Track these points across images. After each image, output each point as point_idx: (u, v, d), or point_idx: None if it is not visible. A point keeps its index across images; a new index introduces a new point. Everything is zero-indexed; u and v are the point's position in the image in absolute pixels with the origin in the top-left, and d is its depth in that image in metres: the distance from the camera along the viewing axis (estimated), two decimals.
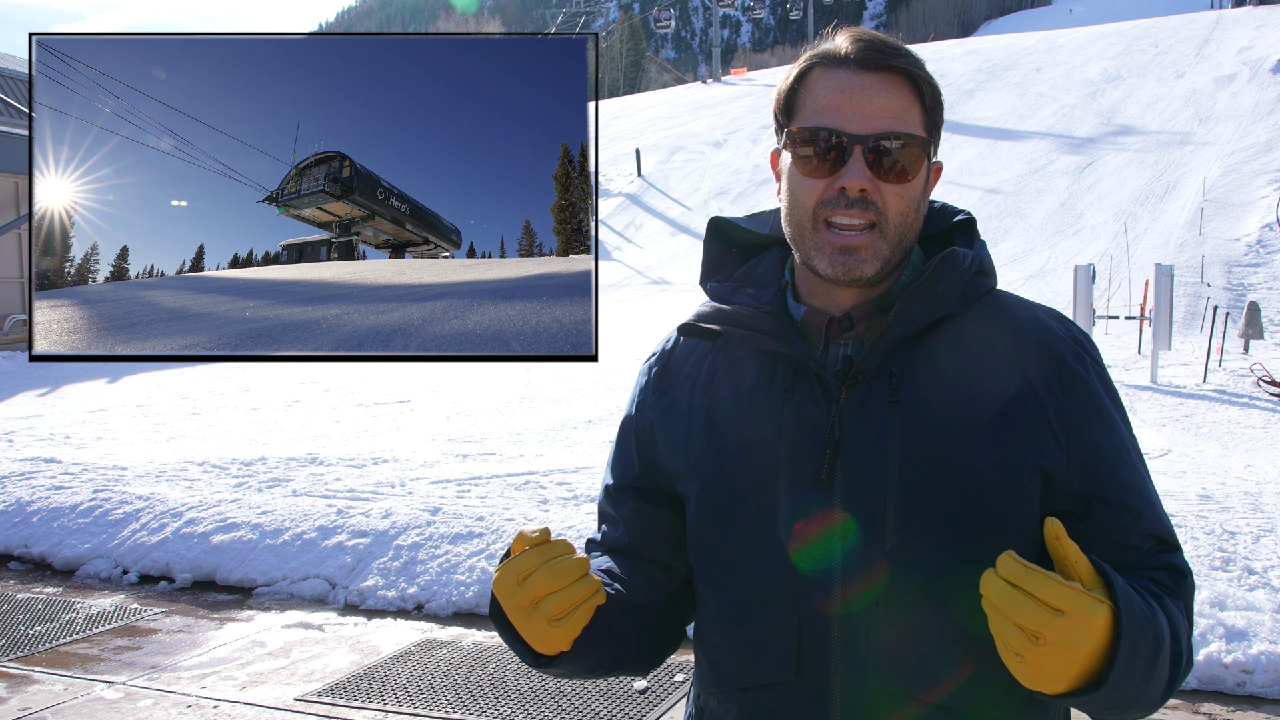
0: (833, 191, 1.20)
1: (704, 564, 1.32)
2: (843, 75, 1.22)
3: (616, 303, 21.55)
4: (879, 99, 1.20)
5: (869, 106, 1.20)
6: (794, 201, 1.24)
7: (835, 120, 1.20)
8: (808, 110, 1.23)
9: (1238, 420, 9.62)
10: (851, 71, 1.21)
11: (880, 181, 1.20)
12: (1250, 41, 37.42)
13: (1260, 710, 4.01)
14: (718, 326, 1.30)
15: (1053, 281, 19.79)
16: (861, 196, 1.19)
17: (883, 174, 1.20)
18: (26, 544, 6.55)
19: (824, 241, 1.22)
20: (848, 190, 1.19)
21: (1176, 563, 1.22)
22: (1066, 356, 1.25)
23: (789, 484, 1.22)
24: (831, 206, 1.21)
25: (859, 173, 1.19)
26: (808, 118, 1.23)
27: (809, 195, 1.22)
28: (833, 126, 1.20)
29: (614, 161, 36.25)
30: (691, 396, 1.33)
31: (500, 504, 6.66)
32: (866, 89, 1.20)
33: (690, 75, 78.44)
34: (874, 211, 1.20)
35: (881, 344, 1.22)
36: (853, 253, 1.20)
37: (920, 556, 1.17)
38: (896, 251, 1.23)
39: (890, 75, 1.21)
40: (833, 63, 1.23)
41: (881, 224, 1.21)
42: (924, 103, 1.24)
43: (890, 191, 1.20)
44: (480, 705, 4.22)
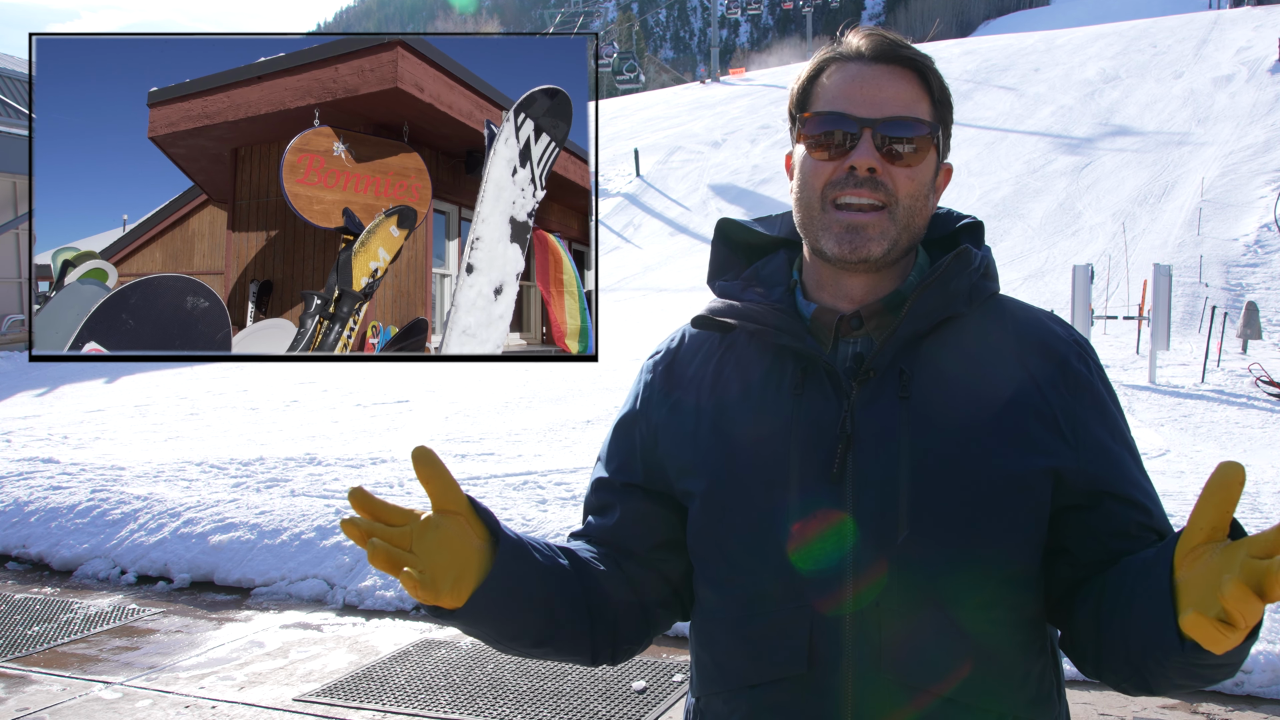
0: (842, 172, 1.23)
1: (708, 561, 1.31)
2: (854, 67, 1.26)
3: (615, 303, 21.55)
4: (889, 87, 1.24)
5: (879, 94, 1.24)
6: (804, 184, 1.27)
7: (845, 106, 1.24)
8: (820, 101, 1.27)
9: (1236, 420, 9.63)
10: (863, 63, 1.26)
11: (889, 164, 1.23)
12: (1248, 42, 37.48)
13: (1258, 710, 4.02)
14: (730, 319, 1.32)
15: (1051, 281, 19.81)
16: (870, 176, 1.22)
17: (892, 157, 1.23)
18: (24, 544, 6.54)
19: (832, 221, 1.24)
20: (857, 169, 1.22)
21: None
22: (1069, 357, 1.27)
23: (800, 480, 1.22)
24: (840, 186, 1.23)
25: (868, 152, 1.22)
26: (820, 107, 1.26)
27: (818, 176, 1.25)
28: (843, 111, 1.24)
29: (612, 161, 36.26)
30: (699, 393, 1.33)
31: (499, 504, 6.65)
32: (877, 78, 1.25)
33: (689, 75, 78.41)
34: (883, 192, 1.23)
35: (893, 340, 1.23)
36: (860, 230, 1.22)
37: (931, 552, 1.18)
38: (904, 235, 1.25)
39: (900, 68, 1.26)
40: (845, 58, 1.27)
41: (891, 205, 1.23)
42: (933, 96, 1.27)
43: (900, 174, 1.23)
44: (478, 705, 4.22)
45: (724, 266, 1.41)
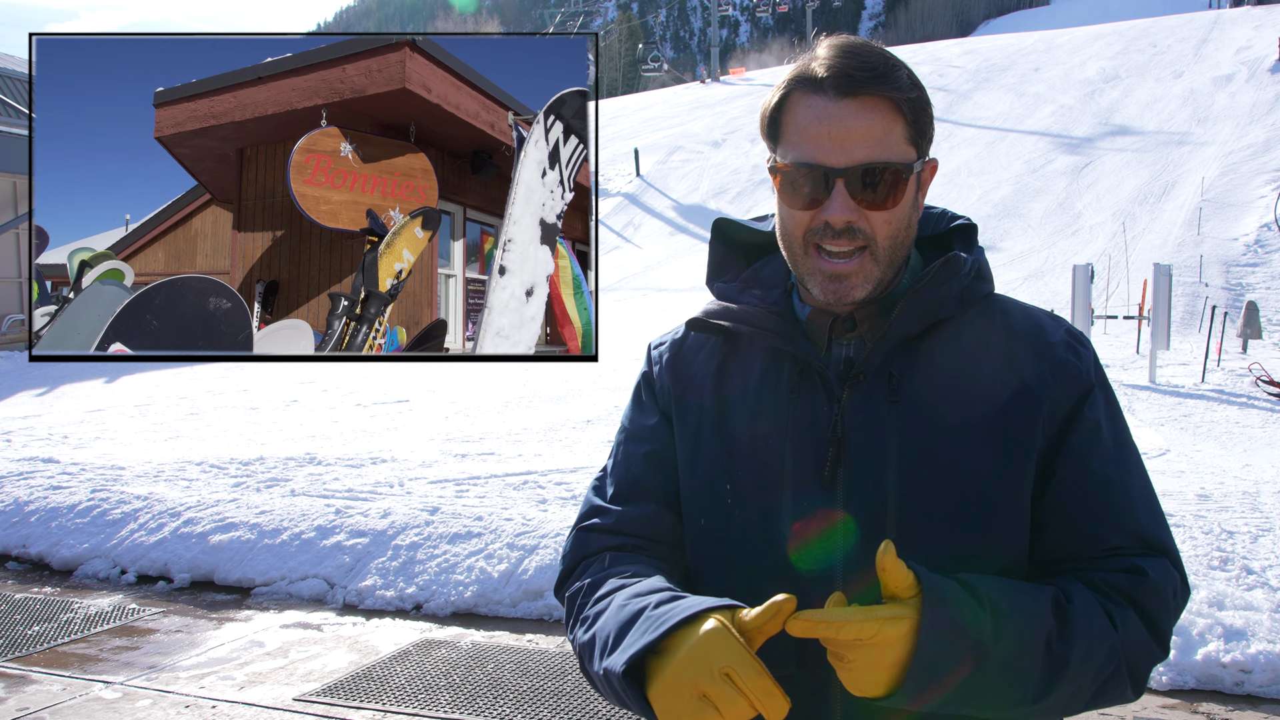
0: (819, 223, 1.21)
1: (704, 560, 1.33)
2: (820, 104, 1.20)
3: (615, 303, 21.55)
4: (858, 128, 1.19)
5: (847, 137, 1.19)
6: (784, 230, 1.26)
7: (815, 153, 1.20)
8: (789, 138, 1.23)
9: (1236, 420, 9.63)
10: (828, 99, 1.20)
11: (866, 210, 1.20)
12: (1248, 41, 37.48)
13: (1259, 710, 4.01)
14: (726, 323, 1.32)
15: (1051, 281, 19.82)
16: (848, 227, 1.20)
17: (867, 203, 1.20)
18: (24, 544, 6.54)
19: (815, 268, 1.23)
20: (832, 224, 1.20)
21: (1140, 564, 1.21)
22: (1059, 349, 1.27)
23: (794, 482, 1.24)
24: (820, 235, 1.22)
25: (841, 206, 1.19)
26: (790, 147, 1.23)
27: (797, 226, 1.24)
28: (813, 161, 1.20)
29: (612, 161, 36.27)
30: (701, 392, 1.35)
31: (499, 504, 6.65)
32: (844, 118, 1.19)
33: (689, 75, 78.42)
34: (862, 237, 1.21)
35: (882, 344, 1.24)
36: (843, 280, 1.22)
37: (920, 553, 1.18)
38: (889, 271, 1.25)
39: (868, 99, 1.20)
40: (810, 88, 1.22)
41: (872, 247, 1.22)
42: (906, 118, 1.22)
43: (877, 219, 1.21)
44: (479, 705, 4.22)
45: (722, 267, 1.41)
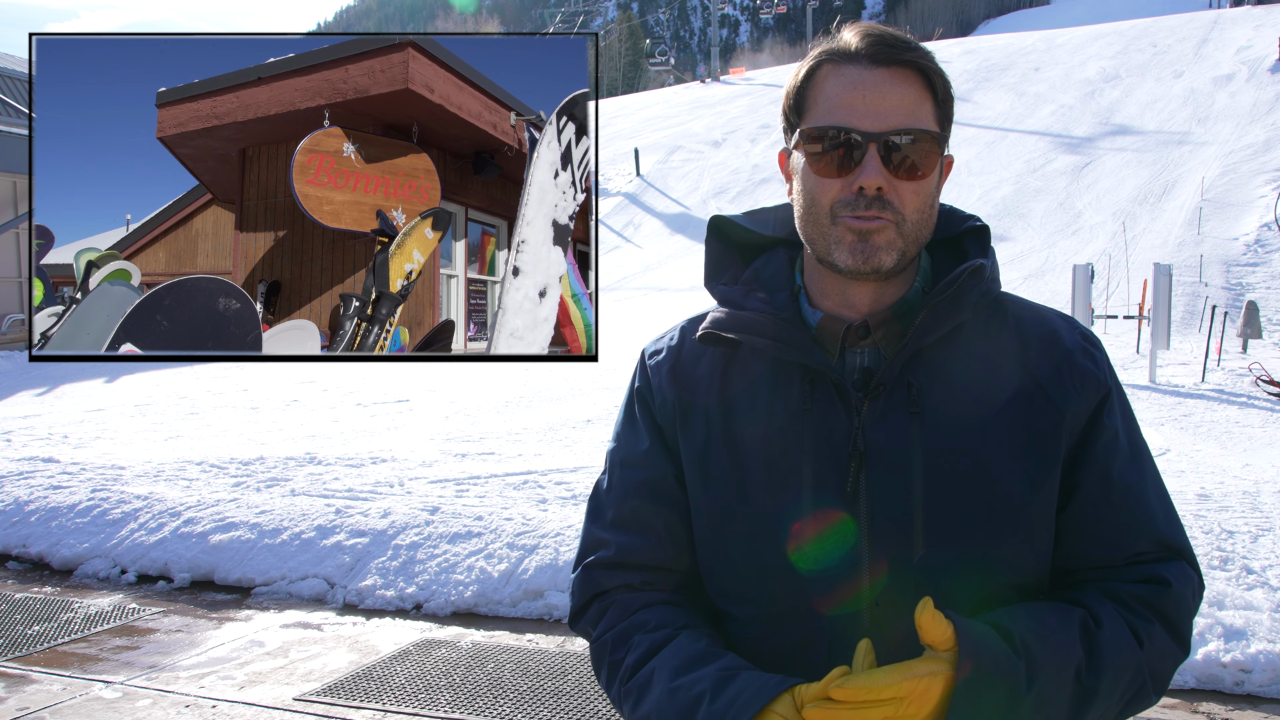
0: (850, 193, 1.18)
1: (718, 577, 1.28)
2: (853, 71, 1.19)
3: (615, 302, 21.55)
4: (892, 95, 1.17)
5: (882, 103, 1.17)
6: (810, 201, 1.21)
7: (848, 118, 1.17)
8: (819, 108, 1.20)
9: (1236, 419, 9.63)
10: (862, 67, 1.18)
11: (896, 179, 1.18)
12: (1249, 41, 37.48)
13: (1259, 709, 4.01)
14: (736, 335, 1.26)
15: (1051, 281, 19.82)
16: (879, 195, 1.17)
17: (898, 171, 1.17)
18: (24, 543, 6.54)
19: (844, 231, 1.19)
20: (865, 189, 1.17)
21: (1163, 573, 1.21)
22: (1077, 356, 1.26)
23: (813, 498, 1.20)
24: (850, 207, 1.18)
25: (875, 171, 1.16)
26: (819, 116, 1.20)
27: (825, 194, 1.19)
28: (846, 125, 1.17)
29: (613, 161, 36.27)
30: (708, 403, 1.29)
31: (499, 503, 6.65)
32: (879, 85, 1.18)
33: (689, 75, 78.43)
34: (890, 211, 1.18)
35: (902, 355, 1.21)
36: (870, 238, 1.18)
37: (947, 564, 1.17)
38: (912, 247, 1.21)
39: (902, 70, 1.18)
40: (842, 59, 1.20)
41: (899, 221, 1.19)
42: (936, 96, 1.21)
43: (906, 189, 1.18)
44: (479, 705, 4.22)
45: (720, 266, 1.36)
